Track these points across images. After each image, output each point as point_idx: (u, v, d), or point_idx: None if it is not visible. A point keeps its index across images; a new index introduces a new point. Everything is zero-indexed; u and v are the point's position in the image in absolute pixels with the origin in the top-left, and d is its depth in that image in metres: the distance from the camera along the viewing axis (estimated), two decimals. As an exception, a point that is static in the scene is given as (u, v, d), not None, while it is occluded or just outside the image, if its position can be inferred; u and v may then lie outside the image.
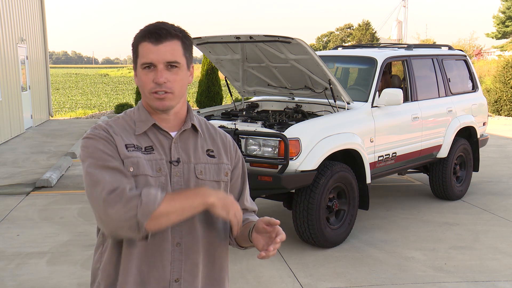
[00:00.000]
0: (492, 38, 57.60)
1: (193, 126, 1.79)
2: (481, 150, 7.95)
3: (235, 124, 5.40)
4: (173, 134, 1.76)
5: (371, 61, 6.15)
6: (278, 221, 1.69)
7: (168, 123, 1.75)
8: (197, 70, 23.99)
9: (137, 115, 1.76)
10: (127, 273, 1.69)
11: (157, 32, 1.66)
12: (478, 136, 7.50)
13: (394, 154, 6.08)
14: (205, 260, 1.78)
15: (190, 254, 1.74)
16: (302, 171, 4.97)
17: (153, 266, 1.69)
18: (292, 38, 5.14)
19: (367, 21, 72.55)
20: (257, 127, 5.30)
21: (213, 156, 1.80)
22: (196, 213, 1.65)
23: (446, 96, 7.00)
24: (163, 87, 1.66)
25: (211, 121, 5.69)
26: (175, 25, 1.72)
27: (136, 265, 1.69)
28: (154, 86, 1.67)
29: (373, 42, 62.06)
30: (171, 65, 1.67)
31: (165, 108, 1.70)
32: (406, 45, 7.02)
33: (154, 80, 1.66)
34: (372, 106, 5.81)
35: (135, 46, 1.71)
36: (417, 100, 6.50)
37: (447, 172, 6.93)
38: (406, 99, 6.35)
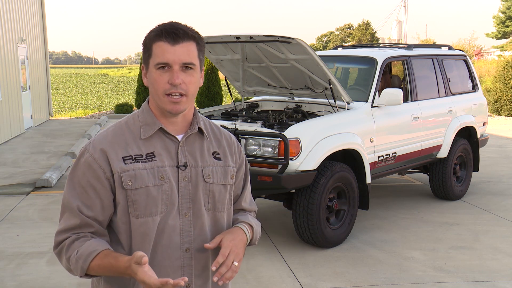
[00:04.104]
0: (492, 38, 57.62)
1: (199, 129, 1.76)
2: (481, 150, 7.95)
3: (235, 124, 5.40)
4: (179, 137, 1.72)
5: (371, 61, 6.15)
6: (219, 261, 1.63)
7: (175, 126, 1.72)
8: (197, 70, 23.94)
9: (143, 118, 1.72)
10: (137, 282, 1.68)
11: (174, 32, 1.61)
12: (478, 136, 7.50)
13: (394, 154, 6.08)
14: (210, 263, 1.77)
15: (200, 259, 1.73)
16: (302, 171, 4.97)
17: (164, 273, 1.68)
18: (292, 38, 5.14)
19: (367, 21, 72.61)
20: (257, 127, 5.30)
21: (219, 159, 1.78)
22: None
23: (446, 96, 7.00)
24: (178, 89, 1.62)
25: (212, 121, 5.70)
26: (189, 26, 1.68)
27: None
28: (170, 87, 1.62)
29: (373, 42, 62.06)
30: (186, 66, 1.63)
31: (178, 112, 1.66)
32: (406, 45, 7.02)
33: (169, 81, 1.61)
34: (372, 106, 5.81)
35: (149, 45, 1.65)
36: (417, 100, 6.50)
37: (447, 172, 6.93)
38: (406, 99, 6.36)
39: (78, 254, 1.61)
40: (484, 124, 7.77)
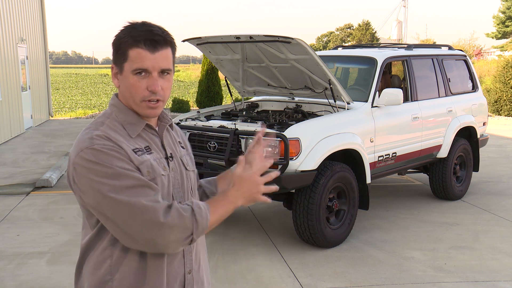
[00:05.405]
0: (492, 38, 57.64)
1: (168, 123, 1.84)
2: (481, 150, 7.96)
3: (235, 124, 5.40)
4: None
5: (371, 61, 6.15)
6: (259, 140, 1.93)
7: (150, 122, 1.77)
8: (197, 70, 23.96)
9: (123, 118, 1.70)
10: (155, 278, 1.67)
11: (154, 40, 1.62)
12: (478, 136, 7.50)
13: (394, 154, 6.08)
14: (199, 247, 1.85)
15: (195, 244, 1.79)
16: (302, 171, 4.97)
17: (172, 264, 1.71)
18: (292, 38, 5.15)
19: (367, 21, 72.66)
20: (257, 127, 5.30)
21: (183, 148, 1.88)
22: None
23: (446, 96, 7.00)
24: (157, 95, 1.65)
25: (212, 121, 5.71)
26: (162, 27, 1.67)
27: (162, 268, 1.68)
28: (149, 94, 1.65)
29: (373, 42, 62.06)
30: (163, 71, 1.66)
31: (156, 116, 1.72)
32: (406, 45, 7.02)
33: (148, 87, 1.64)
34: (372, 106, 5.81)
35: (124, 49, 1.63)
36: (417, 100, 6.50)
37: (447, 172, 6.93)
38: (406, 99, 6.36)
39: (199, 204, 1.65)
40: (484, 124, 7.77)
